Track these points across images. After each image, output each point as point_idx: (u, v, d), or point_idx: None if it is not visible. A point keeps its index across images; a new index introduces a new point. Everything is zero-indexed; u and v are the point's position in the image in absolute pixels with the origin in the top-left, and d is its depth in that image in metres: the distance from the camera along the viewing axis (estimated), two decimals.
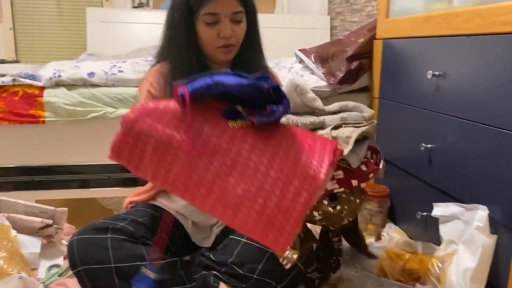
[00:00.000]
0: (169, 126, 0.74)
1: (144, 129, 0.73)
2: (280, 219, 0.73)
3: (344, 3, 3.69)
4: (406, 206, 1.67)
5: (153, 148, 0.73)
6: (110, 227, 1.07)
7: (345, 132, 1.09)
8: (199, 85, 0.74)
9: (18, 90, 1.67)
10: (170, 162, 0.73)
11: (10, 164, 1.72)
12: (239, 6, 1.17)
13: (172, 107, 0.75)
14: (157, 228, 1.14)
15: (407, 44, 1.62)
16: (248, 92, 0.79)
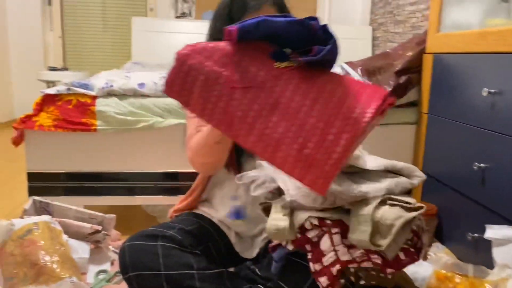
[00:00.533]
0: (218, 63, 0.77)
1: (195, 65, 0.76)
2: (319, 159, 0.74)
3: (387, 14, 3.65)
4: (455, 226, 1.62)
5: (201, 83, 0.76)
6: (160, 234, 1.09)
7: (388, 218, 0.93)
8: (248, 22, 0.77)
9: (72, 99, 1.74)
10: (217, 98, 0.76)
11: (61, 170, 1.78)
12: None
13: (221, 46, 0.78)
14: (203, 237, 1.17)
15: (460, 60, 1.58)
16: (296, 31, 0.79)
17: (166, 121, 1.75)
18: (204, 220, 1.26)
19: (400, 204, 0.97)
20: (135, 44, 3.81)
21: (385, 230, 0.93)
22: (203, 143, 1.10)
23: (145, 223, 1.95)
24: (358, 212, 0.96)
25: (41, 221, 1.42)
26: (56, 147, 1.75)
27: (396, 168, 1.06)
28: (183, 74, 0.76)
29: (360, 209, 0.96)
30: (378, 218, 0.94)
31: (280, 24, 0.78)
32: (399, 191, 1.02)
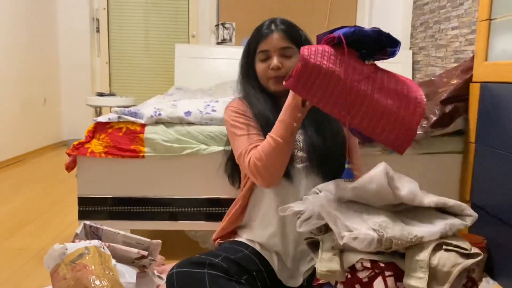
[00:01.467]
0: (330, 62, 0.98)
1: (316, 63, 0.97)
2: (405, 127, 1.05)
3: (428, 38, 3.62)
4: (506, 261, 1.55)
5: (321, 77, 0.97)
6: (207, 262, 1.13)
7: (446, 264, 0.93)
8: (345, 31, 1.00)
9: (122, 127, 1.81)
10: (333, 88, 0.98)
11: (109, 194, 1.84)
12: (287, 42, 1.33)
13: (327, 49, 0.99)
14: (247, 266, 1.19)
15: (510, 90, 1.54)
16: (374, 38, 1.03)
17: (210, 148, 1.79)
18: (247, 248, 1.28)
19: (456, 250, 0.96)
20: (177, 70, 3.93)
21: (442, 277, 0.92)
22: (274, 145, 1.19)
23: (187, 248, 1.98)
24: (414, 257, 0.95)
25: (92, 245, 1.47)
26: (105, 172, 1.82)
27: (447, 205, 1.05)
28: (308, 71, 0.97)
29: (415, 253, 0.95)
30: (434, 264, 0.94)
31: (367, 32, 1.02)
32: (452, 233, 1.01)
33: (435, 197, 1.05)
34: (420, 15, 3.79)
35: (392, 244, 0.94)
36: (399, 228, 0.96)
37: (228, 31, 4.37)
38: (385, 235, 0.94)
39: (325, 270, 0.99)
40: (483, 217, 1.72)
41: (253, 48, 1.38)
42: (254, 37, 1.38)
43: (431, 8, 3.54)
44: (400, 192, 1.01)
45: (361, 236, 0.94)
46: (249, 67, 1.41)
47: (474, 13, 2.83)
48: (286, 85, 1.01)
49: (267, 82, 1.36)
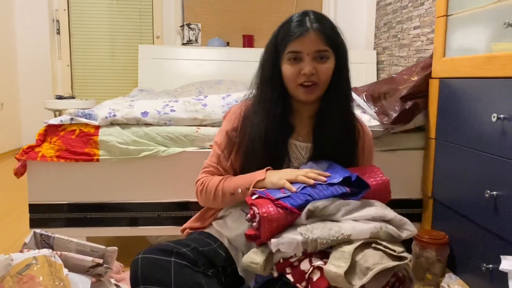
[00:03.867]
0: (281, 221, 1.07)
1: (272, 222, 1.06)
2: None
3: (391, 38, 3.66)
4: (468, 256, 1.56)
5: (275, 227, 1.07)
6: (174, 251, 1.08)
7: (368, 261, 0.97)
8: (300, 202, 1.07)
9: (75, 129, 1.73)
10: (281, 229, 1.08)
11: (64, 201, 1.76)
12: (323, 45, 1.16)
13: (279, 214, 1.07)
14: (215, 260, 1.16)
15: (467, 85, 1.55)
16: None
17: (169, 149, 1.73)
18: (216, 243, 1.24)
19: (384, 250, 1.01)
20: (141, 72, 3.85)
21: (362, 271, 0.98)
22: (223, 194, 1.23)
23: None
24: (340, 248, 1.01)
25: (41, 255, 1.39)
26: (58, 178, 1.74)
27: (386, 219, 1.08)
28: (269, 228, 1.05)
29: (341, 246, 1.01)
30: (358, 258, 0.99)
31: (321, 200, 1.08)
32: (385, 237, 1.05)
33: (374, 209, 1.09)
34: (383, 16, 3.84)
35: (317, 244, 1.00)
36: (327, 228, 1.03)
37: (193, 31, 4.30)
38: (310, 236, 1.00)
39: (249, 261, 1.06)
40: (445, 212, 1.72)
41: (281, 46, 1.19)
42: (283, 34, 1.19)
43: (394, 8, 3.59)
44: (335, 217, 1.08)
45: (286, 240, 1.01)
46: (274, 68, 1.21)
47: (434, 13, 2.87)
48: (257, 244, 1.08)
49: (295, 88, 1.19)
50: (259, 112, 1.23)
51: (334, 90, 1.22)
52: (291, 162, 1.26)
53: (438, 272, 1.61)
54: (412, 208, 1.90)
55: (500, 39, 1.41)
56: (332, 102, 1.22)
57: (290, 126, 1.26)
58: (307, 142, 1.27)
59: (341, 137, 1.23)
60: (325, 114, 1.24)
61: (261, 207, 1.05)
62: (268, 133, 1.21)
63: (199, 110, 1.78)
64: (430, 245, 1.60)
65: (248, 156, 1.24)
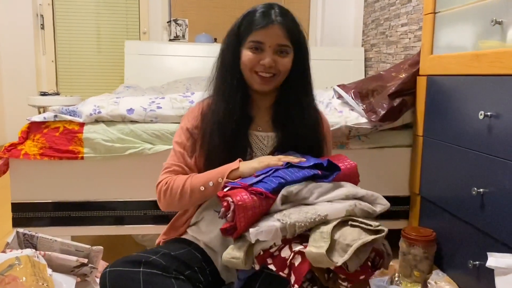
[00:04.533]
0: (256, 208, 1.05)
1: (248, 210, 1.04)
2: None
3: (379, 35, 3.67)
4: (455, 253, 1.57)
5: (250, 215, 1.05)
6: (143, 260, 1.05)
7: (347, 238, 0.99)
8: (274, 185, 1.05)
9: (59, 126, 1.69)
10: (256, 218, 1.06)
11: (48, 199, 1.72)
12: (285, 40, 1.18)
13: (254, 200, 1.04)
14: (190, 262, 1.13)
15: (455, 82, 1.55)
16: None
17: (155, 147, 1.71)
18: (191, 245, 1.23)
19: (361, 226, 1.03)
20: (128, 68, 3.80)
21: (343, 248, 0.98)
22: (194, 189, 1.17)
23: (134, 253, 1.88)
24: (318, 230, 1.01)
25: (24, 255, 1.36)
26: (42, 176, 1.70)
27: (358, 196, 1.11)
28: (244, 216, 1.03)
29: (319, 227, 1.02)
30: (337, 237, 1.00)
31: (297, 181, 1.08)
32: (361, 214, 1.07)
33: (346, 189, 1.10)
34: (371, 13, 3.84)
35: (296, 228, 1.00)
36: (304, 211, 1.03)
37: (180, 27, 4.26)
38: (288, 221, 1.00)
39: (229, 257, 1.04)
40: (432, 210, 1.73)
41: (244, 34, 1.20)
42: (247, 23, 1.20)
43: (382, 5, 3.59)
44: (309, 200, 1.08)
45: (265, 228, 1.00)
46: (234, 56, 1.22)
47: (422, 10, 2.88)
48: (234, 237, 1.05)
49: (251, 75, 1.21)
50: (219, 100, 1.23)
51: (291, 82, 1.23)
52: (254, 153, 1.24)
53: (425, 269, 1.62)
54: (400, 205, 1.91)
55: (488, 37, 1.42)
56: (290, 94, 1.24)
57: (249, 117, 1.25)
58: (267, 132, 1.27)
59: (300, 126, 1.24)
60: (283, 105, 1.25)
61: (235, 195, 1.03)
62: (227, 119, 1.20)
63: (186, 107, 1.76)
64: (418, 242, 1.61)
65: (211, 149, 1.22)
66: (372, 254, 1.04)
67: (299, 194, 1.06)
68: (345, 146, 1.83)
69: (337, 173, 1.13)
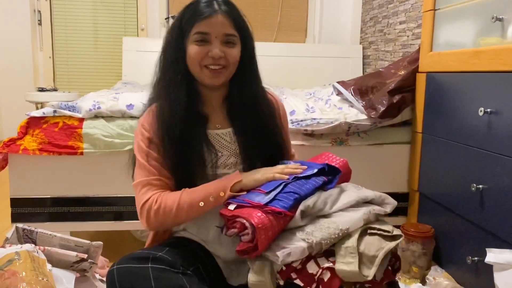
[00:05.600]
0: (274, 228, 1.03)
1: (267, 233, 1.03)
2: None
3: (377, 32, 3.67)
4: (454, 249, 1.58)
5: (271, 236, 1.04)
6: (150, 256, 1.04)
7: (371, 249, 1.02)
8: (291, 202, 1.04)
9: (58, 121, 1.69)
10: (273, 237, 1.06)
11: (47, 195, 1.72)
12: (232, 29, 1.14)
13: (272, 220, 1.03)
14: (193, 258, 1.13)
15: (454, 79, 1.56)
16: None
17: None
18: (191, 243, 1.21)
19: (379, 233, 1.06)
20: (125, 64, 3.78)
21: (370, 260, 1.01)
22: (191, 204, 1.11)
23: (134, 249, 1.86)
24: (342, 244, 1.03)
25: (23, 250, 1.35)
26: (41, 171, 1.69)
27: (368, 199, 1.14)
28: (266, 238, 1.02)
29: (343, 241, 1.03)
30: (362, 249, 1.02)
31: (309, 195, 1.09)
32: (374, 218, 1.11)
33: (355, 194, 1.13)
34: (369, 10, 3.84)
35: (322, 245, 1.01)
36: (325, 227, 1.03)
37: None
38: (314, 240, 1.00)
39: (256, 280, 1.03)
40: (431, 206, 1.74)
41: (187, 27, 1.13)
42: (190, 14, 1.13)
43: (380, 3, 3.59)
44: (324, 211, 1.10)
45: (292, 250, 1.00)
46: (178, 50, 1.14)
47: (420, 8, 2.89)
48: (253, 257, 1.04)
49: (200, 70, 1.14)
50: (164, 101, 1.15)
51: (241, 74, 1.19)
52: (220, 153, 1.19)
53: (423, 265, 1.63)
54: (399, 201, 1.89)
55: (488, 34, 1.42)
56: (241, 86, 1.20)
57: (203, 116, 1.19)
58: (226, 128, 1.22)
59: (257, 115, 1.20)
60: (235, 98, 1.20)
61: (251, 217, 0.99)
62: (174, 120, 1.12)
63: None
64: (416, 238, 1.62)
65: (170, 156, 1.14)
66: (392, 258, 1.08)
67: (315, 206, 1.07)
68: (344, 142, 1.83)
69: (339, 176, 1.16)
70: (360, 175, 1.27)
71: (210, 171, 1.16)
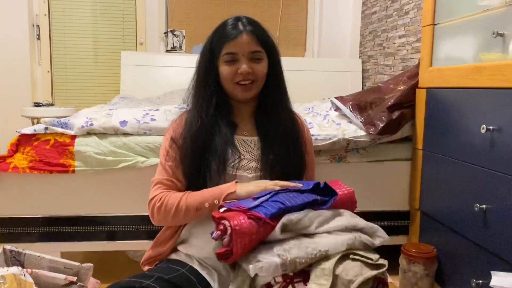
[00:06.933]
0: (254, 234, 1.02)
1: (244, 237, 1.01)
2: None
3: (376, 46, 3.65)
4: (457, 271, 1.52)
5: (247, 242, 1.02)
6: (136, 286, 1.01)
7: (349, 274, 0.97)
8: (274, 210, 1.02)
9: (49, 139, 1.65)
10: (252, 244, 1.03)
11: (37, 214, 1.67)
12: (257, 46, 1.24)
13: (251, 226, 1.01)
14: (184, 285, 1.10)
15: (455, 95, 1.52)
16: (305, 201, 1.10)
17: (149, 160, 1.66)
18: (185, 267, 1.18)
19: (362, 259, 1.01)
20: (124, 79, 3.77)
21: (344, 284, 0.96)
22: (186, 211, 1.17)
23: (127, 269, 1.83)
24: (319, 266, 0.99)
25: (10, 273, 1.30)
26: (31, 190, 1.65)
27: (358, 227, 1.09)
28: (241, 242, 1.01)
29: (320, 263, 1.00)
30: (339, 272, 0.98)
31: (297, 207, 1.07)
32: (360, 246, 1.06)
33: (345, 219, 1.09)
34: (368, 24, 3.83)
35: (296, 264, 0.97)
36: (304, 246, 1.00)
37: (177, 38, 4.24)
38: (288, 257, 0.97)
39: None
40: (433, 225, 1.68)
41: (217, 49, 1.24)
42: (219, 37, 1.24)
43: (379, 17, 3.58)
44: (309, 230, 1.06)
45: (265, 264, 0.98)
46: (209, 70, 1.26)
47: (419, 22, 2.87)
48: (229, 262, 1.03)
49: (233, 87, 1.25)
50: (195, 107, 1.27)
51: (270, 87, 1.29)
52: (242, 155, 1.25)
53: (426, 287, 1.57)
54: (399, 220, 1.86)
55: (489, 49, 1.39)
56: (270, 98, 1.30)
57: (233, 124, 1.29)
58: (253, 136, 1.30)
59: (283, 128, 1.29)
60: (264, 110, 1.31)
61: (233, 219, 1.00)
62: (199, 130, 1.23)
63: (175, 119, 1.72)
64: (418, 259, 1.56)
65: (195, 159, 1.22)
66: (375, 283, 1.02)
67: (300, 223, 1.04)
68: (343, 159, 1.79)
69: (334, 198, 1.13)
70: (360, 193, 1.22)
71: (231, 171, 1.22)
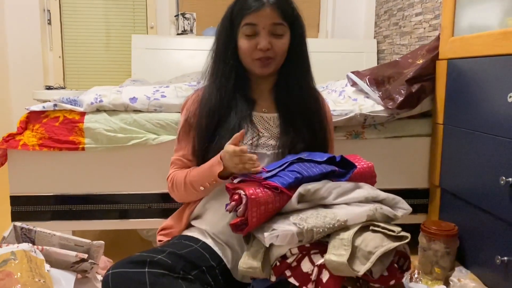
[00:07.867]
0: (270, 203, 1.00)
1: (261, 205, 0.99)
2: None
3: (392, 26, 3.54)
4: (480, 248, 1.46)
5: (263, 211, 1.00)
6: (148, 260, 0.99)
7: (369, 245, 0.94)
8: (291, 180, 1.00)
9: (59, 116, 1.62)
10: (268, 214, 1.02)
11: (48, 192, 1.65)
12: (279, 18, 1.17)
13: (269, 195, 1.00)
14: (197, 261, 1.07)
15: (479, 64, 1.44)
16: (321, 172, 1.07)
17: (160, 137, 1.62)
18: (198, 243, 1.15)
19: (383, 231, 0.97)
20: (135, 62, 3.74)
21: (365, 256, 0.93)
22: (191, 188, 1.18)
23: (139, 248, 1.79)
24: (338, 236, 0.95)
25: (20, 250, 1.28)
26: (41, 168, 1.63)
27: (378, 198, 1.05)
28: (257, 212, 0.98)
29: (339, 233, 0.96)
30: (358, 243, 0.95)
31: (315, 177, 1.04)
32: (381, 219, 1.01)
33: (365, 191, 1.06)
34: (383, 3, 3.72)
35: (314, 233, 0.94)
36: (322, 215, 0.96)
37: (188, 21, 4.19)
38: (305, 226, 0.94)
39: (246, 267, 0.99)
40: (454, 202, 1.62)
41: (237, 19, 1.19)
42: (240, 7, 1.18)
43: None
44: (326, 200, 1.03)
45: (280, 233, 0.94)
46: (229, 41, 1.21)
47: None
48: (244, 234, 1.01)
49: (251, 62, 1.20)
50: (213, 83, 1.23)
51: (290, 64, 1.24)
52: (261, 133, 1.22)
53: (447, 266, 1.51)
54: (418, 198, 1.80)
55: None
56: (290, 75, 1.24)
57: (251, 100, 1.25)
58: (272, 113, 1.26)
59: (303, 106, 1.24)
60: (283, 87, 1.25)
61: (248, 188, 0.97)
62: (217, 105, 1.20)
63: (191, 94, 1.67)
64: (438, 237, 1.50)
65: (209, 134, 1.20)
66: (396, 257, 0.98)
67: (317, 193, 1.01)
68: (360, 135, 1.72)
69: (353, 171, 1.09)
70: (378, 170, 1.17)
71: (250, 148, 1.19)
